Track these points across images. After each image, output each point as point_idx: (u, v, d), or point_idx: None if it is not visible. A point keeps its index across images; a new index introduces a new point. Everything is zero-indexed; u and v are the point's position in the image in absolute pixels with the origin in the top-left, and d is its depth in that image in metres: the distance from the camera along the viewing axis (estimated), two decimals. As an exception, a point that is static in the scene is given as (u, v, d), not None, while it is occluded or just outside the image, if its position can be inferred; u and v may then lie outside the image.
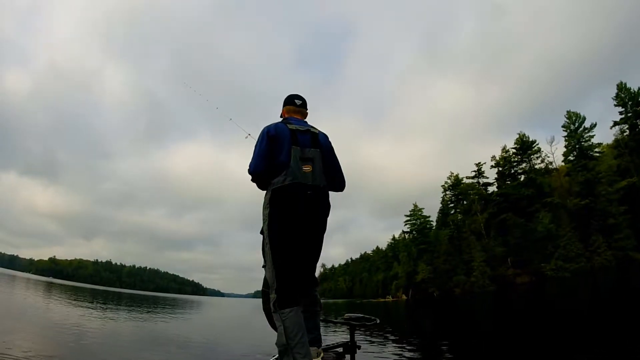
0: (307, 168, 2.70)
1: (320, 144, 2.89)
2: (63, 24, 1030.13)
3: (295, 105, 3.13)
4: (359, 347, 3.12)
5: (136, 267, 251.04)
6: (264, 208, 2.71)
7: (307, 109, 3.20)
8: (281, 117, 3.15)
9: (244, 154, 2.96)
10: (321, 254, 2.86)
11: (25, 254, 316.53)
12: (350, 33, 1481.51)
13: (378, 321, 3.25)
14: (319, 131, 3.00)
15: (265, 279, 2.84)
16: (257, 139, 2.86)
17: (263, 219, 2.72)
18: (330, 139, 3.05)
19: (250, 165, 2.79)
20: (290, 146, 2.72)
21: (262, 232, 2.75)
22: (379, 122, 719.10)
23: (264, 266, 2.77)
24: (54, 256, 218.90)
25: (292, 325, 2.45)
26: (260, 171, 2.75)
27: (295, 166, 2.66)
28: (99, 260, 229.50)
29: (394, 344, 9.15)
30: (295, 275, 2.63)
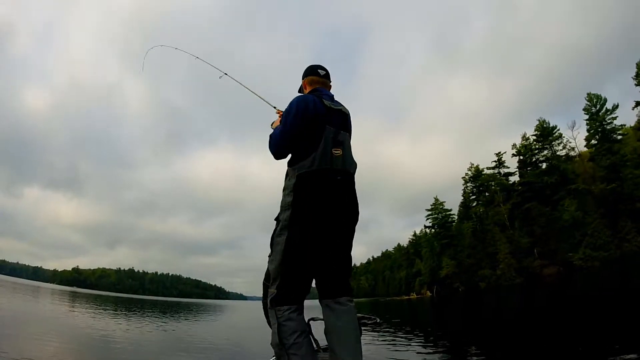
0: (337, 152, 2.35)
1: (349, 127, 2.60)
2: (80, 40, 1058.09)
3: (318, 75, 2.73)
4: None
5: (159, 273, 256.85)
6: (286, 195, 2.35)
7: (330, 81, 2.78)
8: (300, 89, 2.80)
9: (264, 160, 2.64)
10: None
11: (50, 265, 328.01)
12: (365, 34, 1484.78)
13: (378, 320, 3.16)
14: (348, 111, 2.65)
15: (267, 271, 2.51)
16: (285, 110, 2.49)
17: (283, 206, 2.36)
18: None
19: (273, 146, 2.49)
20: (325, 126, 2.37)
21: (276, 219, 2.40)
22: (397, 121, 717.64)
23: (269, 255, 2.43)
24: (77, 266, 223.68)
25: (287, 324, 2.19)
26: (284, 156, 2.48)
27: (327, 149, 2.32)
28: (122, 269, 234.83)
29: (395, 344, 8.85)
30: (305, 273, 2.31)
